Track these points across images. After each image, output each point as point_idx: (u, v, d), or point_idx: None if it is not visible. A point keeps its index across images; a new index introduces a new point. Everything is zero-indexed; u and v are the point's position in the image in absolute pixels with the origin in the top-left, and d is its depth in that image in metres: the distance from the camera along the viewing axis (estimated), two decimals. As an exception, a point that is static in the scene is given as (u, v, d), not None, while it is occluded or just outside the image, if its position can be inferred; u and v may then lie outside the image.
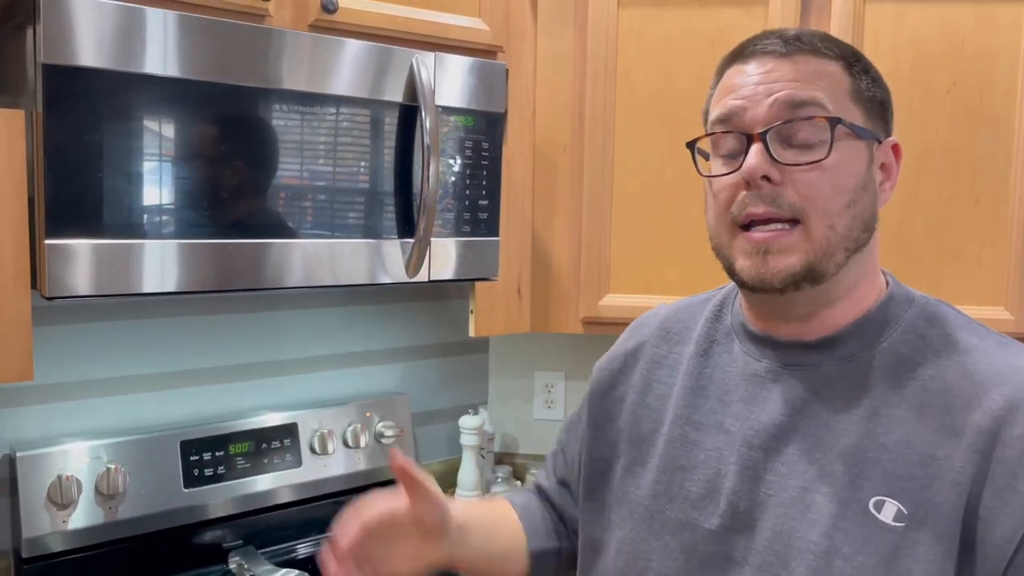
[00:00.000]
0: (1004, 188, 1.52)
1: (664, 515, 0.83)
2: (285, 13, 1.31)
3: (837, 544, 0.71)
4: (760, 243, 0.74)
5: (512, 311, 1.65)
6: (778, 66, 0.75)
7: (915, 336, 0.76)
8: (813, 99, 0.73)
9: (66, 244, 1.07)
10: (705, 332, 0.89)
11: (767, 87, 0.74)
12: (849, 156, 0.74)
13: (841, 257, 0.75)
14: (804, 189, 0.73)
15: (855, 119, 0.75)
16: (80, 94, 1.07)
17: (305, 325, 1.72)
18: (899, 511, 0.70)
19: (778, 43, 0.76)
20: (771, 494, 0.76)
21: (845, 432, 0.74)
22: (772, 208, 0.73)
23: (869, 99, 0.77)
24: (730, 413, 0.82)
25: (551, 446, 1.11)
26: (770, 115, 0.74)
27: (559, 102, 1.63)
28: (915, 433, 0.71)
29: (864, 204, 0.76)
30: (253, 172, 1.22)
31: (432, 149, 1.31)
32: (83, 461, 1.38)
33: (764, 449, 0.78)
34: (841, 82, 0.75)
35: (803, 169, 0.73)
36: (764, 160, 0.73)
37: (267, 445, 1.58)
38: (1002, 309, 1.54)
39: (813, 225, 0.73)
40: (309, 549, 1.63)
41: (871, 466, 0.72)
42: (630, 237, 1.62)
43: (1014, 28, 1.49)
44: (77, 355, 1.46)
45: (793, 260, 0.73)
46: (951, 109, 1.52)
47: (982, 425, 0.69)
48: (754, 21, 1.54)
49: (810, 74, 0.74)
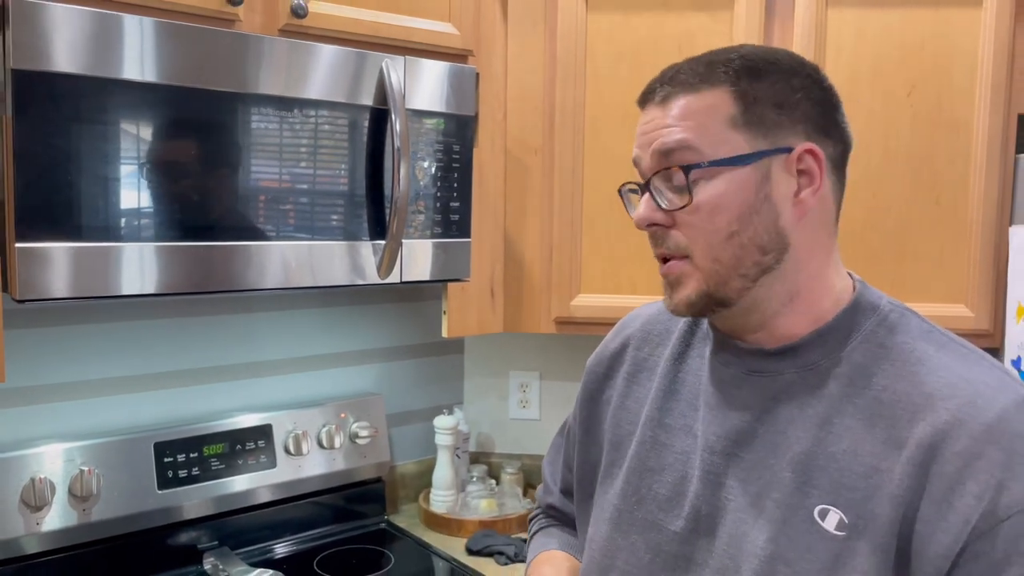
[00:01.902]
0: (963, 189, 1.56)
1: (632, 515, 0.85)
2: (255, 18, 1.32)
3: (781, 550, 0.73)
4: (665, 275, 0.80)
5: (485, 311, 1.67)
6: (656, 115, 0.78)
7: (875, 345, 0.77)
8: (681, 143, 0.76)
9: (37, 247, 1.08)
10: (682, 336, 0.91)
11: (648, 136, 0.79)
12: (726, 189, 0.75)
13: (737, 284, 0.77)
14: (686, 230, 0.77)
15: (736, 147, 0.75)
16: (50, 99, 1.08)
17: (279, 327, 1.73)
18: (841, 520, 0.72)
19: (658, 88, 0.79)
20: (730, 499, 0.78)
21: (798, 440, 0.76)
22: (664, 249, 0.79)
23: (758, 117, 0.75)
24: (698, 417, 0.84)
25: (526, 445, 1.13)
26: (652, 164, 0.78)
27: (529, 105, 1.66)
28: (862, 443, 0.72)
29: (755, 230, 0.76)
30: (224, 175, 1.23)
31: (402, 152, 1.33)
32: (56, 463, 1.39)
33: (725, 454, 0.80)
34: (719, 112, 0.76)
35: (681, 212, 0.77)
36: (650, 208, 0.78)
37: (242, 446, 1.59)
38: (962, 307, 1.58)
39: (697, 260, 0.77)
40: (284, 549, 1.65)
41: (819, 474, 0.73)
42: (601, 238, 1.65)
43: (970, 33, 1.53)
44: (50, 358, 1.46)
45: (688, 291, 0.78)
46: (911, 112, 1.56)
47: (923, 439, 0.69)
48: (720, 26, 1.58)
49: (681, 117, 0.76)
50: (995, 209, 1.55)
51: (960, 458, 0.68)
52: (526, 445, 2.01)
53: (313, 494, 1.69)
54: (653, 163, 0.78)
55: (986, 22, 1.52)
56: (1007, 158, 1.56)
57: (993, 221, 1.55)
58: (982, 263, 1.56)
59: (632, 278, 1.64)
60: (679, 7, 1.59)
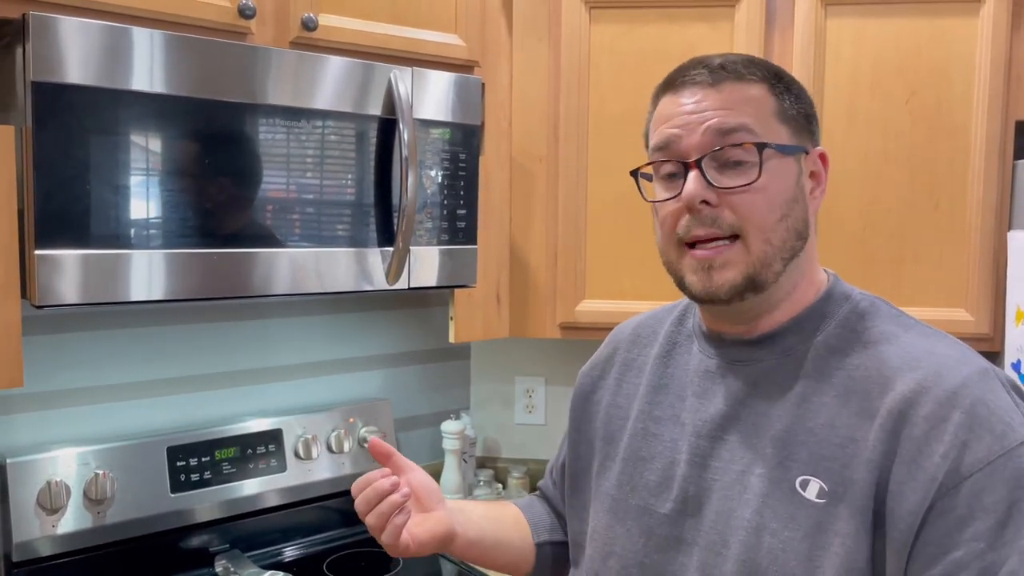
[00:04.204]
0: (962, 193, 1.59)
1: (627, 503, 0.89)
2: (267, 31, 1.36)
3: (766, 520, 0.77)
4: (704, 260, 0.80)
5: (491, 317, 1.69)
6: (707, 95, 0.80)
7: (847, 330, 0.82)
8: (741, 125, 0.79)
9: (55, 254, 1.11)
10: (669, 335, 0.96)
11: (699, 116, 0.80)
12: (778, 174, 0.80)
13: (779, 266, 0.81)
14: (740, 209, 0.79)
15: (781, 138, 0.81)
16: (68, 110, 1.11)
17: (289, 333, 1.76)
18: (821, 488, 0.76)
19: (704, 73, 0.81)
20: (716, 479, 0.82)
21: (779, 418, 0.80)
22: (713, 229, 0.80)
23: (794, 116, 0.82)
24: (685, 407, 0.88)
25: (532, 450, 1.18)
26: (703, 143, 0.79)
27: (534, 114, 1.69)
28: (838, 417, 0.77)
29: (796, 215, 0.81)
30: (236, 184, 1.26)
31: (410, 161, 1.36)
32: (72, 467, 1.42)
33: (711, 438, 0.84)
34: (766, 104, 0.81)
35: (737, 191, 0.79)
36: (701, 185, 0.79)
37: (252, 451, 1.61)
38: (962, 311, 1.60)
39: (751, 240, 0.79)
40: (294, 552, 1.67)
41: (799, 448, 0.78)
42: (605, 244, 1.68)
43: (967, 40, 1.56)
44: (66, 363, 1.49)
45: (734, 273, 0.80)
46: (910, 118, 1.58)
47: (893, 407, 0.74)
48: (721, 36, 1.60)
49: (736, 101, 0.80)
50: (994, 214, 1.57)
51: (927, 421, 0.72)
52: (532, 450, 2.03)
53: (322, 498, 1.71)
54: (706, 141, 0.79)
55: (983, 30, 1.55)
56: (1005, 163, 1.58)
57: (992, 226, 1.57)
58: (981, 267, 1.58)
59: (636, 283, 1.66)
60: (680, 18, 1.62)
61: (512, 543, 1.03)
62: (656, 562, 0.85)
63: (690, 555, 0.82)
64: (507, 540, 1.03)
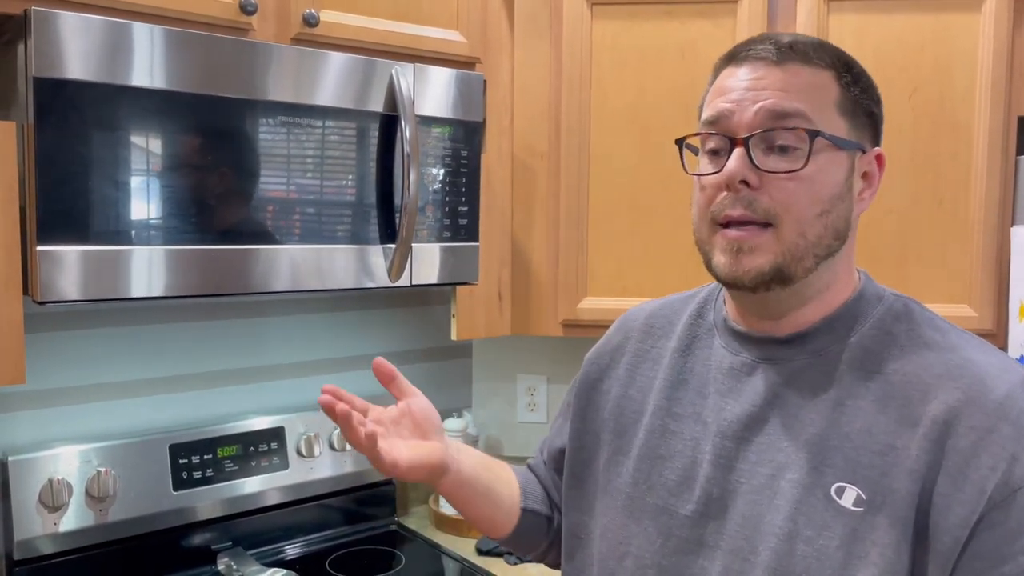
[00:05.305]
0: (965, 190, 1.58)
1: (643, 501, 0.87)
2: (268, 27, 1.35)
3: (800, 528, 0.75)
4: (734, 241, 0.77)
5: (493, 314, 1.69)
6: (768, 73, 0.77)
7: (882, 332, 0.79)
8: (796, 110, 0.75)
9: (57, 251, 1.11)
10: (688, 328, 0.92)
11: (755, 94, 0.77)
12: (827, 167, 0.77)
13: (810, 263, 0.77)
14: (780, 196, 0.76)
15: (838, 130, 0.77)
16: (70, 106, 1.11)
17: (291, 331, 1.75)
18: (859, 496, 0.73)
19: (771, 49, 0.77)
20: (742, 481, 0.80)
21: (812, 422, 0.77)
22: (748, 211, 0.76)
23: (856, 110, 0.79)
24: (707, 405, 0.85)
25: (534, 448, 1.15)
26: (754, 122, 0.76)
27: (536, 111, 1.68)
28: (876, 423, 0.75)
29: (837, 214, 0.78)
30: (238, 180, 1.26)
31: (412, 157, 1.36)
32: (74, 465, 1.41)
33: (737, 439, 0.82)
34: (829, 93, 0.77)
35: (781, 177, 0.75)
36: (744, 165, 0.76)
37: (255, 448, 1.61)
38: (966, 307, 1.60)
39: (785, 230, 0.76)
40: (296, 550, 1.67)
41: (834, 454, 0.75)
42: (607, 241, 1.67)
43: (970, 37, 1.55)
44: (68, 361, 1.49)
45: (762, 260, 0.76)
46: (913, 115, 1.58)
47: (937, 416, 0.72)
48: (722, 32, 1.60)
49: (797, 84, 0.76)
50: (997, 210, 1.57)
51: (975, 432, 0.71)
52: (534, 448, 1.99)
53: (324, 496, 1.71)
54: (757, 120, 0.76)
55: (985, 26, 1.55)
56: (1008, 159, 1.58)
57: (995, 222, 1.57)
58: (985, 263, 1.58)
59: (638, 280, 1.66)
60: (682, 15, 1.61)
61: (501, 499, 0.99)
62: (675, 564, 0.83)
63: (712, 559, 0.80)
64: (496, 493, 0.98)
